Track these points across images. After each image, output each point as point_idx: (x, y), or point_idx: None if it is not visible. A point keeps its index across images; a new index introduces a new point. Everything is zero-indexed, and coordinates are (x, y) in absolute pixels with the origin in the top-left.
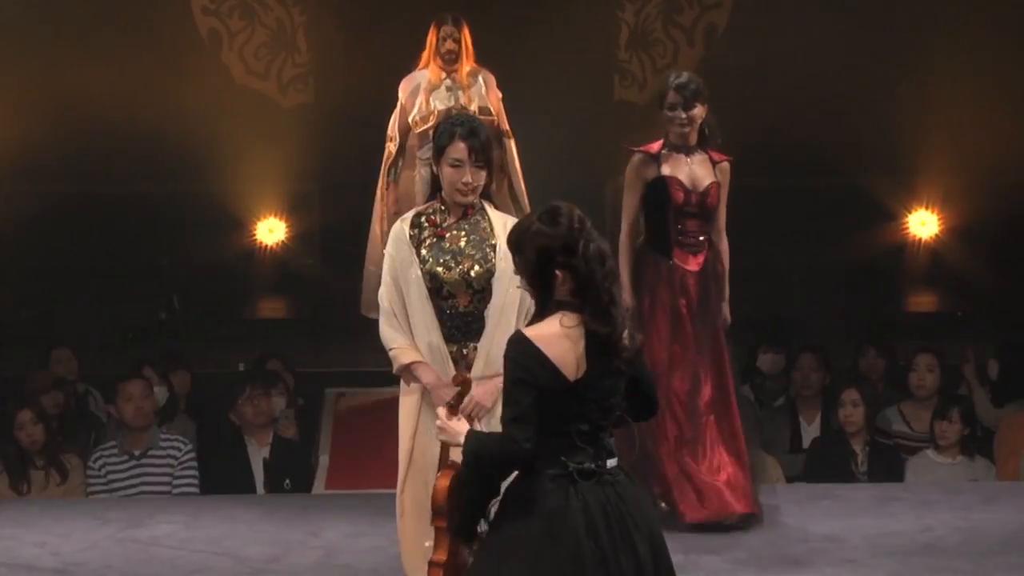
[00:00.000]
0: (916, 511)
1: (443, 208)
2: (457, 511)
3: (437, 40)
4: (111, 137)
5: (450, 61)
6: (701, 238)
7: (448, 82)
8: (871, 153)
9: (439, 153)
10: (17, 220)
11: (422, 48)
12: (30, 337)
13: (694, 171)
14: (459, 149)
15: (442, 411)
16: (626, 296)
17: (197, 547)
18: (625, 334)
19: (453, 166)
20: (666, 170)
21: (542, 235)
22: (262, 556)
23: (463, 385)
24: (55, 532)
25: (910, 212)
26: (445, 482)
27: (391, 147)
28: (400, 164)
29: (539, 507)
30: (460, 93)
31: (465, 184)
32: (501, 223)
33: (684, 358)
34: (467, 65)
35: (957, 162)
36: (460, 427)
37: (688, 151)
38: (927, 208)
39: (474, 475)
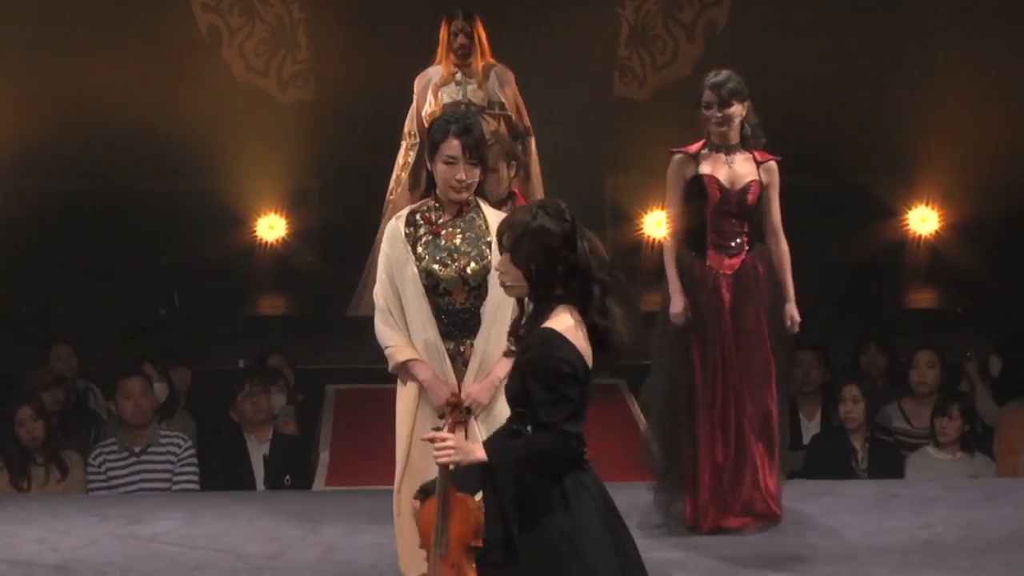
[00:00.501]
0: (916, 508)
1: (438, 206)
2: (501, 523)
3: (448, 35)
4: (111, 134)
5: (463, 56)
6: (739, 240)
7: (459, 76)
8: (871, 150)
9: (433, 150)
10: (17, 218)
11: (424, 44)
12: (30, 334)
13: (734, 170)
14: (453, 146)
15: (447, 433)
16: (676, 300)
17: (197, 543)
18: (620, 328)
19: (447, 163)
20: (704, 169)
21: (546, 232)
22: (262, 552)
23: (455, 405)
24: (55, 529)
25: (910, 209)
26: (476, 503)
27: (406, 146)
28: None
29: (562, 501)
30: (470, 88)
31: (459, 181)
32: (496, 220)
33: (716, 364)
34: (482, 60)
35: (957, 159)
36: (472, 444)
37: (728, 150)
38: (927, 205)
39: (521, 482)
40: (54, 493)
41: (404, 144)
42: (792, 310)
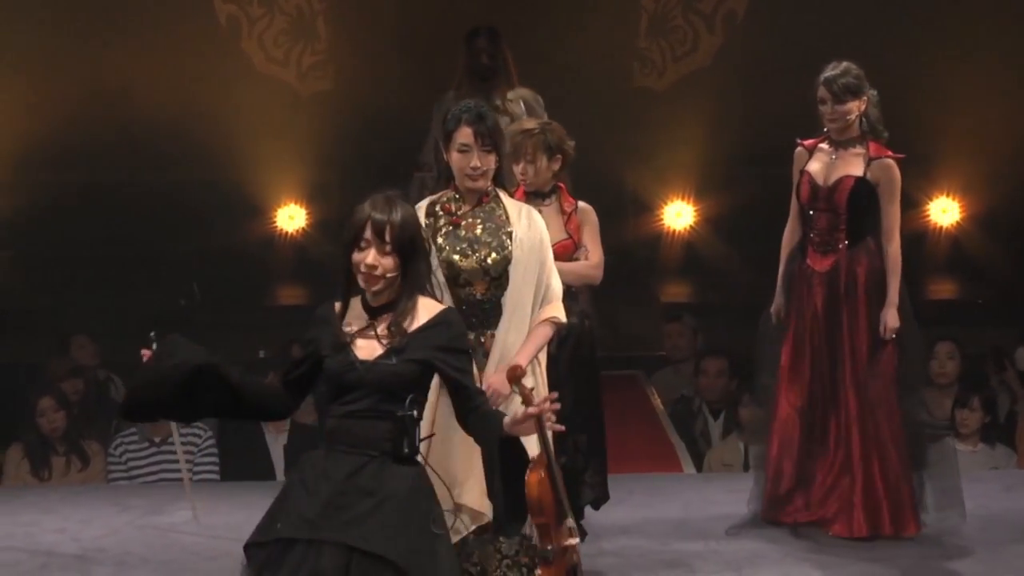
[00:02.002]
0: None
1: (457, 196)
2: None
3: (469, 56)
4: (130, 125)
5: (485, 78)
6: (834, 238)
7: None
8: (892, 141)
9: (447, 139)
10: (37, 208)
11: (444, 37)
12: (51, 324)
13: (835, 165)
14: (465, 134)
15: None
16: (776, 298)
17: (216, 533)
18: None
19: (460, 151)
20: (810, 165)
21: (414, 220)
22: None
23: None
24: (76, 518)
25: (931, 199)
26: (535, 476)
27: (421, 177)
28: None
29: None
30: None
31: (474, 169)
32: (516, 210)
33: (799, 364)
34: (507, 86)
35: (978, 149)
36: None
37: (842, 145)
38: (948, 195)
39: None
40: (75, 483)
41: (418, 176)
42: (886, 315)
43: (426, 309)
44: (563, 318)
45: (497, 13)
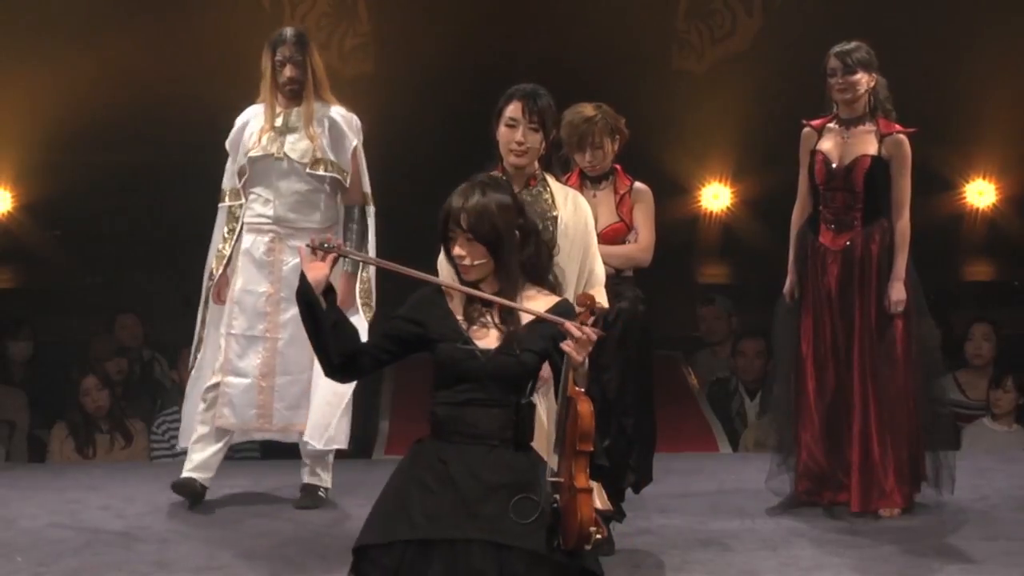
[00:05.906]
0: (971, 479)
1: (504, 179)
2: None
3: (273, 66)
4: (175, 106)
5: (293, 94)
6: (850, 217)
7: (279, 121)
8: (928, 122)
9: (497, 116)
10: (84, 188)
11: (482, 16)
12: (96, 304)
13: (848, 143)
14: (514, 108)
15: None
16: (788, 277)
17: (259, 511)
18: None
19: (508, 126)
20: (822, 144)
21: (505, 207)
22: (323, 520)
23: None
24: (120, 496)
25: (967, 182)
26: (588, 407)
27: (227, 210)
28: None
29: None
30: (291, 138)
31: (518, 144)
32: (563, 195)
33: (821, 344)
34: (314, 100)
35: (1015, 131)
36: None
37: (853, 122)
38: (984, 178)
39: None
40: (118, 460)
41: (223, 208)
42: (892, 288)
43: (542, 299)
44: (605, 303)
45: None
